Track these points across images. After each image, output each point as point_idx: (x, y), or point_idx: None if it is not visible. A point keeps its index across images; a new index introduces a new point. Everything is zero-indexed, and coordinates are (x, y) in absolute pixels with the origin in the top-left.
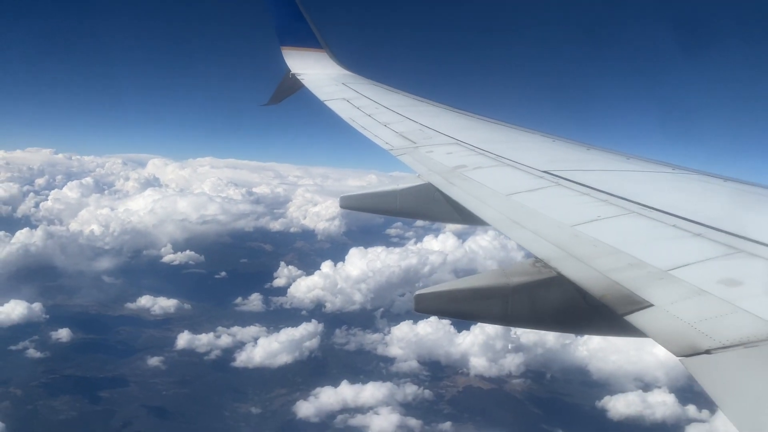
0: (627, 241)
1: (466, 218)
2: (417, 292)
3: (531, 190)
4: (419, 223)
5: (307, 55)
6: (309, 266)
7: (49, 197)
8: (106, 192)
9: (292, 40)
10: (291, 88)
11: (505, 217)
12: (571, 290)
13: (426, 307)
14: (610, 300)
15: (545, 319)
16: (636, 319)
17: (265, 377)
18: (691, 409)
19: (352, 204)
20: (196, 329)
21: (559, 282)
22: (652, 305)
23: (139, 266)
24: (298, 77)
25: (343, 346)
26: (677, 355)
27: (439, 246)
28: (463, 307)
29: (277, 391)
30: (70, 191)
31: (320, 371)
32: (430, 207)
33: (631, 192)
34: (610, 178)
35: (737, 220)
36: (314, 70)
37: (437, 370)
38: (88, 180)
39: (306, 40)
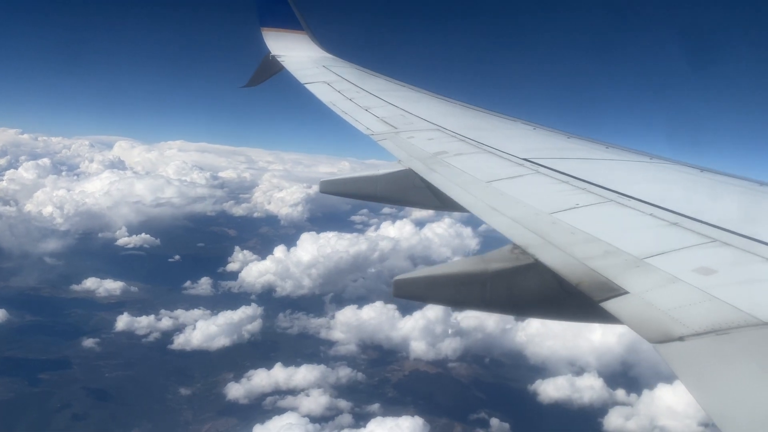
0: (604, 229)
1: (446, 204)
2: (396, 278)
3: (511, 177)
4: (386, 210)
5: (288, 36)
6: (269, 252)
7: (4, 178)
8: (63, 173)
9: (272, 21)
10: (270, 71)
11: (484, 203)
12: (548, 277)
13: (405, 292)
14: (586, 287)
15: (522, 305)
16: (611, 306)
17: (206, 360)
18: (620, 393)
19: (332, 189)
20: (139, 312)
21: (536, 269)
22: (627, 292)
23: (91, 248)
24: (279, 59)
25: (286, 330)
26: (651, 341)
27: (396, 233)
28: (441, 293)
29: (222, 375)
30: (26, 172)
31: (260, 354)
32: (410, 193)
33: (609, 181)
34: (589, 167)
35: (713, 210)
36: (295, 53)
37: (381, 354)
38: (45, 161)
39: (287, 21)
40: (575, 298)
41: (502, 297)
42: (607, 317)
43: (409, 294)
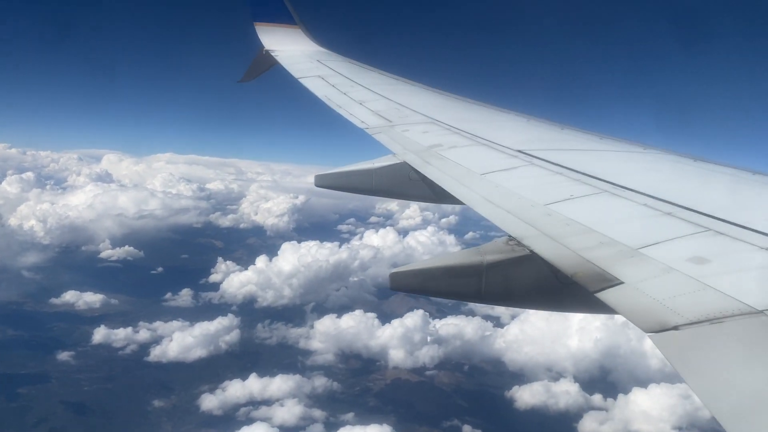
0: (599, 219)
1: (440, 197)
2: (392, 271)
3: (505, 169)
4: (373, 218)
5: (282, 31)
6: (254, 262)
7: None
8: (48, 187)
9: (266, 16)
10: (264, 65)
11: (479, 195)
12: (543, 268)
13: (401, 285)
14: (581, 278)
15: (518, 296)
16: (606, 296)
17: (184, 372)
18: (597, 398)
19: (327, 182)
20: (118, 324)
21: (532, 260)
22: (622, 283)
23: (73, 262)
24: (272, 54)
25: (265, 340)
26: (646, 331)
27: (379, 241)
28: (437, 285)
29: (201, 386)
30: (10, 186)
31: (238, 365)
32: (405, 186)
33: (603, 171)
34: (583, 158)
35: (706, 200)
36: (289, 47)
37: (360, 363)
38: (29, 175)
39: (280, 16)
40: (570, 289)
41: (498, 288)
42: (602, 308)
43: (405, 287)
